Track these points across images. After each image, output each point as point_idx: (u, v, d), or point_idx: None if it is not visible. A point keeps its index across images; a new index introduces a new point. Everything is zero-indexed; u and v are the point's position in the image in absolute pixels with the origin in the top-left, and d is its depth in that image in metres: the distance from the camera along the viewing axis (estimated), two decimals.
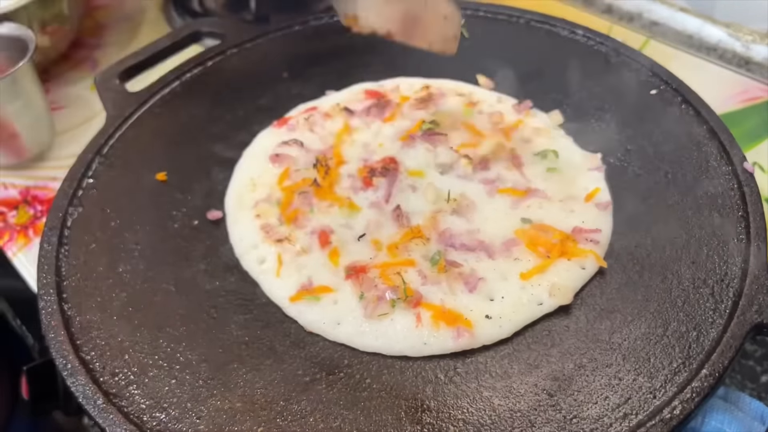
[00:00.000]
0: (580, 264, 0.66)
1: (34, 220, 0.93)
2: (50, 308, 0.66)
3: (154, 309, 0.66)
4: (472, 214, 0.71)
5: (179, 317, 0.66)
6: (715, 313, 0.61)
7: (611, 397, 0.57)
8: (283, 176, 0.76)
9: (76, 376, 0.61)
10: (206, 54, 0.93)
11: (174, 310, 0.66)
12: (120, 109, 0.86)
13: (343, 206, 0.72)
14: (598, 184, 0.73)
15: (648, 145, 0.77)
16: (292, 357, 0.62)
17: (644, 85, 0.83)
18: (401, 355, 0.62)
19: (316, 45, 0.95)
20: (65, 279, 0.69)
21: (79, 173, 0.78)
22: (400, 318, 0.63)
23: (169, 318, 0.66)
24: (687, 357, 0.58)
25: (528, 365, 0.60)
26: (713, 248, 0.66)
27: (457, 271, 0.65)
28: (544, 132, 0.79)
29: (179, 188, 0.78)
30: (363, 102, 0.85)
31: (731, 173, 0.71)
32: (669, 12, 1.13)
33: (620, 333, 0.61)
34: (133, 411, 0.58)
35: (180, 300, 0.67)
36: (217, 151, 0.82)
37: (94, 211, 0.75)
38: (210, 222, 0.74)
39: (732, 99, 0.99)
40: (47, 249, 0.71)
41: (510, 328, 0.62)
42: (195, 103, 0.88)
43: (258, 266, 0.69)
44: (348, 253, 0.68)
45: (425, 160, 0.77)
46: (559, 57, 0.88)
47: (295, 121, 0.83)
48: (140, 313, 0.66)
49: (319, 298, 0.65)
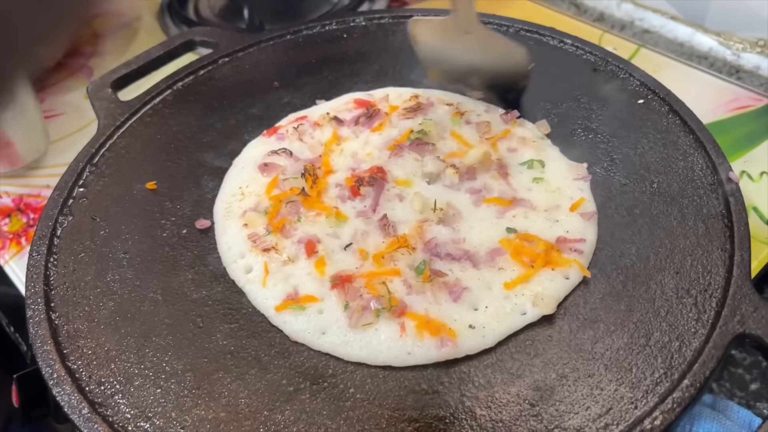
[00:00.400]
0: (564, 274, 0.66)
1: (27, 228, 0.93)
2: (38, 317, 0.66)
3: (141, 318, 0.67)
4: (458, 223, 0.71)
5: (166, 326, 0.66)
6: (697, 323, 0.61)
7: (593, 407, 0.57)
8: (271, 185, 0.77)
9: (61, 385, 0.61)
10: (198, 63, 0.94)
11: (161, 320, 0.67)
12: (111, 118, 0.87)
13: (330, 215, 0.73)
14: (584, 194, 0.74)
15: (634, 155, 0.77)
16: (277, 366, 0.63)
17: (632, 94, 0.83)
18: (385, 365, 0.62)
19: (308, 54, 0.96)
20: (53, 288, 0.69)
21: (69, 182, 0.79)
22: (385, 328, 0.63)
23: (155, 327, 0.66)
24: (669, 367, 0.59)
25: (511, 375, 0.61)
26: (697, 258, 0.66)
27: (442, 281, 0.66)
28: (530, 142, 0.79)
29: (169, 197, 0.78)
30: (352, 111, 0.86)
31: (716, 183, 0.72)
32: (660, 20, 1.14)
33: (603, 343, 0.62)
34: (118, 420, 0.59)
35: (167, 309, 0.67)
36: (207, 160, 0.83)
37: (84, 220, 0.76)
38: (199, 231, 0.75)
39: (722, 107, 0.99)
40: (36, 258, 0.72)
41: (493, 338, 0.62)
42: (186, 112, 0.88)
43: (245, 275, 0.69)
44: (334, 262, 0.69)
45: (413, 170, 0.77)
46: (547, 66, 0.88)
47: (284, 131, 0.83)
48: (127, 322, 0.66)
49: (305, 307, 0.65)
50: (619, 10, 1.17)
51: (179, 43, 0.96)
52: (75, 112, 1.11)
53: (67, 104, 1.13)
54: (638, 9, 1.16)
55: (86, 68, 1.20)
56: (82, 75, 1.19)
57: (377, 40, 0.97)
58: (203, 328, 0.66)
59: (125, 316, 0.67)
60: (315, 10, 1.23)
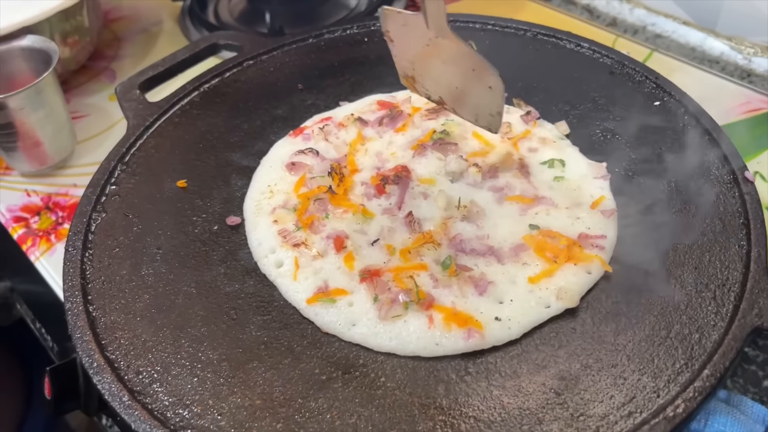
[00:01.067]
0: (586, 269, 0.68)
1: (56, 226, 0.96)
2: (76, 310, 0.68)
3: (176, 310, 0.69)
4: (482, 220, 0.74)
5: (200, 318, 0.68)
6: (716, 316, 0.63)
7: (616, 395, 0.59)
8: (299, 183, 0.79)
9: (101, 374, 0.63)
10: (224, 65, 0.96)
11: (195, 312, 0.69)
12: (141, 118, 0.89)
13: (357, 212, 0.75)
14: (604, 192, 0.76)
15: (652, 155, 0.79)
16: (309, 356, 0.65)
17: (648, 96, 0.86)
18: (414, 355, 0.64)
19: (330, 57, 0.98)
20: (90, 282, 0.71)
21: (102, 180, 0.81)
22: (413, 319, 0.65)
23: (190, 319, 0.68)
24: (689, 358, 0.61)
25: (536, 365, 0.63)
26: (715, 254, 0.68)
27: (468, 275, 0.68)
28: (550, 142, 0.82)
29: (199, 195, 0.81)
30: (376, 113, 0.88)
31: (732, 182, 0.74)
32: (673, 25, 1.16)
33: (625, 335, 0.64)
34: (157, 408, 0.61)
35: (201, 302, 0.70)
36: (235, 159, 0.85)
37: (117, 217, 0.78)
38: (229, 227, 0.77)
39: (734, 110, 1.01)
40: (72, 253, 0.74)
41: (519, 330, 0.65)
42: (213, 113, 0.91)
43: (276, 270, 0.72)
44: (362, 257, 0.71)
45: (436, 169, 0.80)
46: (565, 69, 0.91)
47: (310, 131, 0.86)
48: (163, 314, 0.69)
49: (335, 300, 0.68)
50: (632, 15, 1.20)
51: (204, 46, 0.99)
52: (99, 114, 1.13)
53: (92, 106, 1.15)
54: (650, 14, 1.18)
55: (109, 71, 1.22)
56: (105, 78, 1.21)
57: None
58: (237, 320, 0.68)
59: (160, 308, 0.69)
60: (333, 14, 1.26)
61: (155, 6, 1.38)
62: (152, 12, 1.36)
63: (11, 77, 1.01)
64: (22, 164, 1.01)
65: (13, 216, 0.98)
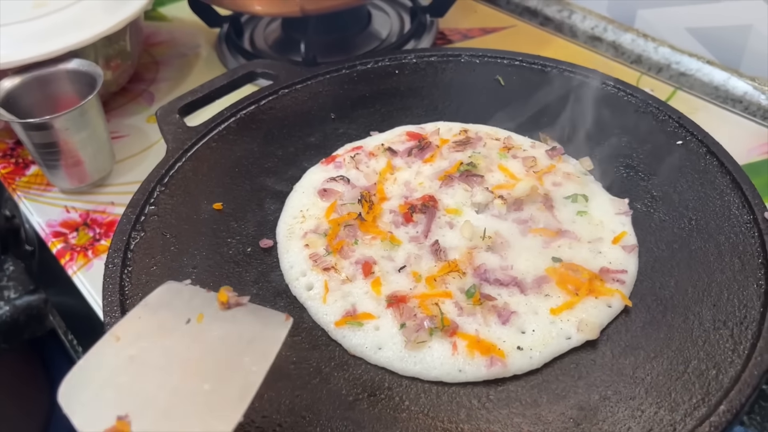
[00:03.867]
0: (607, 302, 0.70)
1: (93, 242, 0.99)
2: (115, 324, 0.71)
3: None
4: (506, 251, 0.76)
5: None
6: (734, 353, 0.65)
7: (634, 427, 0.61)
8: (330, 209, 0.82)
9: None
10: (260, 93, 1.00)
11: None
12: (179, 141, 0.93)
13: (385, 239, 0.78)
14: (625, 228, 0.78)
15: (673, 193, 0.81)
16: (337, 378, 0.67)
17: (671, 135, 0.88)
18: (438, 380, 0.66)
19: (362, 88, 1.02)
20: (128, 298, 0.74)
21: (141, 200, 0.84)
22: (438, 346, 0.68)
23: None
24: (706, 393, 0.62)
25: (556, 395, 0.65)
26: (733, 292, 0.70)
27: (491, 304, 0.70)
28: (574, 177, 0.84)
29: (234, 217, 0.84)
30: (405, 143, 0.91)
31: (752, 222, 0.75)
32: (697, 64, 1.18)
33: (643, 368, 0.65)
34: None
35: None
36: (269, 184, 0.88)
37: (155, 236, 0.81)
38: (262, 249, 0.80)
39: (756, 150, 1.03)
40: (111, 269, 0.77)
41: (540, 360, 0.67)
42: (249, 138, 0.94)
43: (306, 292, 0.74)
44: (389, 283, 0.74)
45: (462, 199, 0.82)
46: (590, 106, 0.93)
47: (341, 159, 0.89)
48: None
49: (362, 324, 0.70)
50: (657, 53, 1.22)
51: (242, 74, 1.02)
52: (137, 135, 1.18)
53: (130, 127, 1.19)
54: (675, 53, 1.20)
55: (147, 93, 1.27)
56: (143, 100, 1.26)
57: (427, 76, 1.03)
58: None
59: None
60: (364, 46, 1.30)
61: (193, 32, 1.43)
62: (190, 38, 1.41)
63: (57, 98, 1.05)
64: (63, 182, 1.05)
65: (52, 231, 1.02)
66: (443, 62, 1.05)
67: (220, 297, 0.62)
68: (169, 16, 1.50)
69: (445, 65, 1.04)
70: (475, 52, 1.04)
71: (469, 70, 1.03)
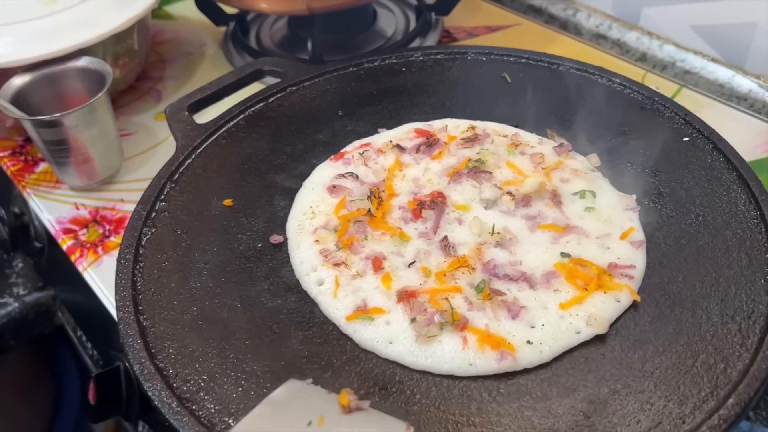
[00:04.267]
0: (616, 297, 0.71)
1: (103, 239, 1.00)
2: (128, 319, 0.72)
3: (222, 323, 0.72)
4: (515, 247, 0.77)
5: (245, 331, 0.72)
6: (742, 347, 0.65)
7: (643, 420, 0.61)
8: (339, 206, 0.83)
9: (152, 381, 0.66)
10: (268, 90, 1.01)
11: (240, 325, 0.72)
12: (189, 139, 0.93)
13: (394, 235, 0.78)
14: (633, 223, 0.79)
15: (680, 189, 0.82)
16: (348, 371, 0.68)
17: (677, 132, 0.88)
18: (449, 374, 0.67)
19: (369, 86, 1.02)
20: (141, 293, 0.75)
21: (152, 197, 0.85)
22: (448, 340, 0.68)
23: (235, 332, 0.72)
24: (715, 387, 0.63)
25: (566, 389, 0.65)
26: (741, 287, 0.70)
27: (501, 299, 0.71)
28: (582, 173, 0.85)
29: (244, 213, 0.85)
30: (413, 140, 0.92)
31: (759, 218, 0.76)
32: (701, 62, 1.19)
33: (652, 362, 0.66)
34: (203, 415, 0.64)
35: (245, 316, 0.73)
36: (278, 180, 0.89)
37: (166, 232, 0.82)
38: (272, 245, 0.81)
39: (761, 147, 1.03)
40: (124, 265, 0.77)
41: (550, 354, 0.67)
42: (258, 135, 0.95)
43: (317, 287, 0.75)
44: (399, 278, 0.74)
45: (471, 196, 0.83)
46: (597, 103, 0.94)
47: (350, 156, 0.90)
48: (209, 326, 0.72)
49: (373, 318, 0.71)
50: (661, 51, 1.23)
51: (249, 71, 1.03)
52: (145, 132, 1.18)
53: (138, 124, 1.20)
54: (680, 50, 1.21)
55: (155, 91, 1.28)
56: (150, 98, 1.26)
57: (434, 74, 1.04)
58: (279, 334, 0.71)
59: (207, 320, 0.73)
60: (369, 44, 1.31)
61: (199, 30, 1.43)
62: (196, 36, 1.42)
63: (66, 96, 1.06)
64: (73, 179, 1.06)
65: (62, 228, 1.02)
66: (450, 60, 1.05)
67: (342, 400, 0.62)
68: (175, 14, 1.51)
69: (451, 63, 1.05)
70: (481, 50, 1.05)
71: (475, 68, 1.03)
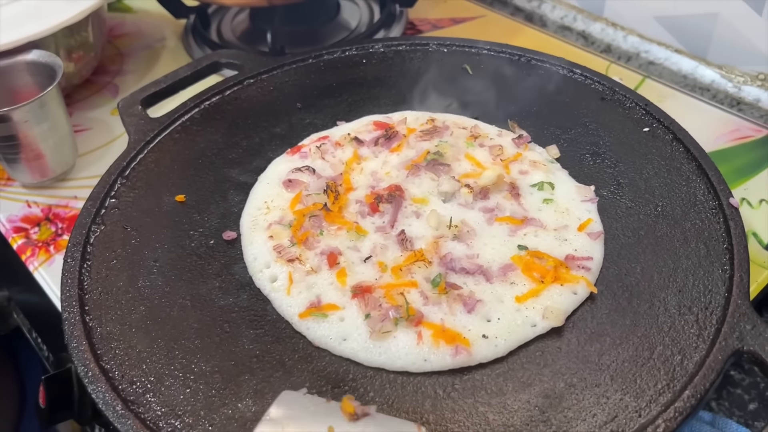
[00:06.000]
0: (572, 289, 0.70)
1: (56, 237, 0.97)
2: (73, 319, 0.70)
3: (171, 323, 0.70)
4: (472, 240, 0.75)
5: (194, 331, 0.70)
6: (698, 338, 0.65)
7: (599, 414, 0.61)
8: (295, 200, 0.81)
9: (96, 383, 0.64)
10: (224, 83, 0.99)
11: (189, 324, 0.70)
12: (142, 133, 0.91)
13: (351, 230, 0.77)
14: (591, 215, 0.78)
15: (639, 180, 0.81)
16: (300, 370, 0.66)
17: (637, 122, 0.88)
18: (403, 370, 0.65)
19: (329, 78, 1.01)
20: (87, 292, 0.73)
21: (102, 193, 0.82)
22: (403, 336, 0.67)
23: (184, 331, 0.69)
24: (671, 379, 0.62)
25: (521, 383, 0.64)
26: (699, 278, 0.70)
27: (457, 293, 0.70)
28: (541, 165, 0.84)
29: (197, 209, 0.82)
30: (372, 132, 0.90)
31: (717, 208, 0.76)
32: (665, 53, 1.19)
33: (609, 355, 0.65)
34: (149, 417, 0.62)
35: (195, 315, 0.71)
36: (233, 175, 0.87)
37: (115, 229, 0.79)
38: (225, 242, 0.79)
39: (723, 137, 1.03)
40: (71, 264, 0.75)
41: (505, 348, 0.66)
42: (213, 129, 0.93)
43: (270, 284, 0.73)
44: (354, 273, 0.73)
45: (429, 189, 0.82)
46: (557, 94, 0.93)
47: (307, 149, 0.88)
48: (157, 326, 0.70)
49: (327, 315, 0.69)
50: (626, 42, 1.22)
51: (206, 64, 1.01)
52: (101, 128, 1.15)
53: (94, 120, 1.17)
54: (644, 42, 1.21)
55: (112, 86, 1.25)
56: (107, 92, 1.23)
57: (395, 66, 1.02)
58: (230, 333, 0.70)
59: (155, 320, 0.70)
60: (333, 36, 1.29)
61: (158, 23, 1.40)
62: (155, 29, 1.39)
63: (16, 90, 1.03)
64: (24, 176, 1.03)
65: (13, 226, 0.99)
66: (411, 51, 1.04)
67: (346, 408, 0.59)
68: (134, 7, 1.48)
69: (412, 54, 1.03)
70: (442, 41, 1.04)
71: (436, 59, 1.02)
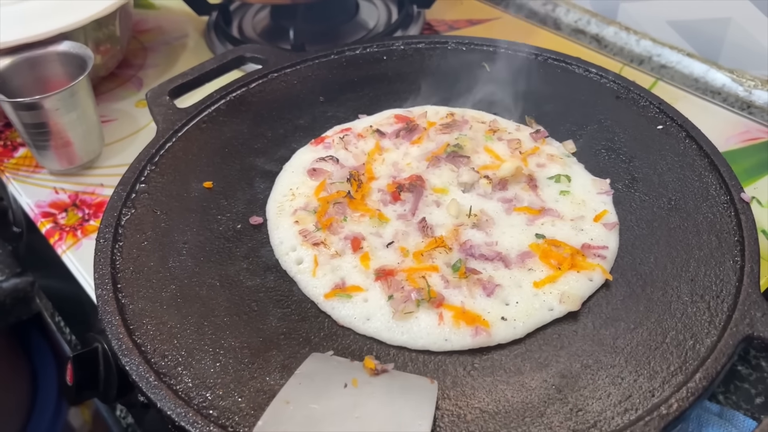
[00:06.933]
0: (588, 276, 0.72)
1: (83, 222, 1.00)
2: (106, 296, 0.72)
3: (201, 301, 0.73)
4: (491, 228, 0.78)
5: (223, 309, 0.72)
6: (710, 325, 0.67)
7: (614, 394, 0.63)
8: (319, 188, 0.84)
9: (129, 356, 0.67)
10: (249, 77, 1.01)
11: (218, 303, 0.73)
12: (169, 122, 0.94)
13: (373, 217, 0.79)
14: (606, 206, 0.80)
15: (653, 174, 0.84)
16: (326, 348, 0.69)
17: (651, 120, 0.90)
18: (424, 349, 0.68)
19: (351, 73, 1.03)
20: (119, 271, 0.75)
21: (132, 178, 0.85)
22: (424, 316, 0.69)
23: (214, 309, 0.72)
24: (683, 362, 0.64)
25: (539, 364, 0.66)
26: (710, 268, 0.72)
27: (476, 278, 0.72)
28: (557, 159, 0.86)
29: (224, 195, 0.85)
30: (393, 125, 0.93)
31: (729, 202, 0.78)
32: (677, 57, 1.21)
33: (623, 339, 0.67)
34: (181, 389, 0.64)
35: (224, 294, 0.74)
36: (259, 164, 0.90)
37: (145, 213, 0.82)
38: (252, 226, 0.81)
39: (734, 138, 1.06)
40: (102, 244, 0.77)
41: (523, 330, 0.68)
42: (238, 120, 0.96)
43: (295, 266, 0.76)
44: (377, 257, 0.75)
45: (449, 179, 0.84)
46: (573, 92, 0.96)
47: (330, 140, 0.91)
48: (188, 303, 0.72)
49: (351, 296, 0.72)
50: (638, 45, 1.25)
51: (231, 58, 1.04)
52: (126, 119, 1.18)
53: (119, 111, 1.20)
54: (656, 45, 1.23)
55: (136, 78, 1.28)
56: (132, 85, 1.26)
57: (414, 62, 1.05)
58: (258, 311, 0.72)
59: (186, 298, 0.73)
60: (351, 35, 1.32)
61: (181, 20, 1.44)
62: (178, 25, 1.42)
63: (47, 80, 1.06)
64: (53, 163, 1.06)
65: (41, 211, 1.02)
66: (430, 49, 1.07)
67: (368, 364, 0.65)
68: (157, 4, 1.51)
69: (432, 52, 1.06)
70: (461, 40, 1.06)
71: (455, 57, 1.05)
